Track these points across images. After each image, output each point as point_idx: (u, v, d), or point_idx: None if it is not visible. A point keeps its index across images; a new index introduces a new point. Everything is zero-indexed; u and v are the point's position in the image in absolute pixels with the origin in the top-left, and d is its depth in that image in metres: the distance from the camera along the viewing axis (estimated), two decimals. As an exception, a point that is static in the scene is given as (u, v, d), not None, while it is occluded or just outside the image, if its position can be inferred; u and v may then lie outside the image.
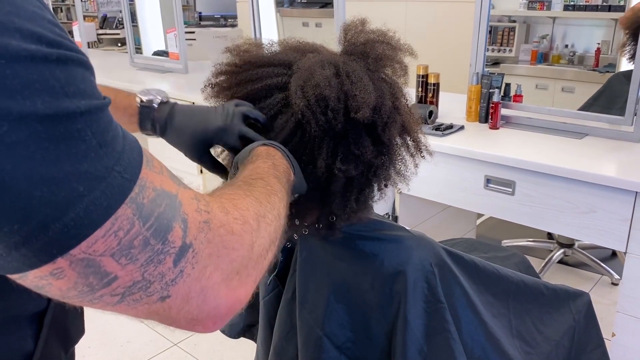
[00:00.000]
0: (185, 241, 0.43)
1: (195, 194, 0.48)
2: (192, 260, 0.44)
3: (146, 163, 0.42)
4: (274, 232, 0.58)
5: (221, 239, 0.47)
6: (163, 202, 0.42)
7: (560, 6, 2.55)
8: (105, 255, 0.39)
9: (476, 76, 2.03)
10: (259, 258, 0.53)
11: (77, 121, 0.37)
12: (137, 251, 0.40)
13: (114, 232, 0.39)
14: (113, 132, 0.40)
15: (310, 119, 0.77)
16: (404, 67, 0.86)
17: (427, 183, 1.91)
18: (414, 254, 0.89)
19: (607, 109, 1.99)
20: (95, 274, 0.39)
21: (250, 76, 0.83)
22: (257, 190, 0.60)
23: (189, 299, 0.44)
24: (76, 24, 4.08)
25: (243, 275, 0.50)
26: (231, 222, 0.49)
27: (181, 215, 0.43)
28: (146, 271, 0.41)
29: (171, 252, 0.42)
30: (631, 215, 1.50)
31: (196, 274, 0.44)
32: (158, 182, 0.43)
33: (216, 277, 0.46)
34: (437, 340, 0.87)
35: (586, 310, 1.21)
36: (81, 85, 0.38)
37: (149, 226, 0.41)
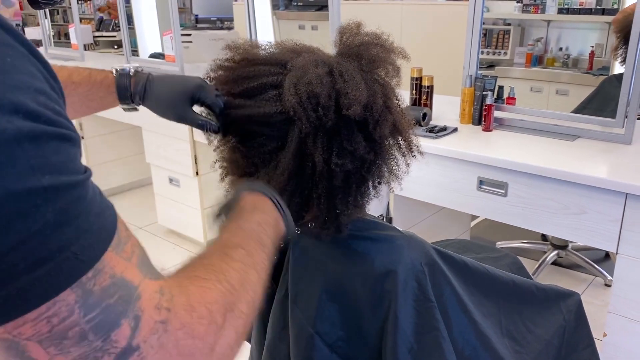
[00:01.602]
0: (132, 343, 0.39)
1: (162, 286, 0.44)
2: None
3: (115, 246, 0.40)
4: (243, 326, 0.53)
5: (176, 344, 0.43)
6: (117, 293, 0.39)
7: (555, 9, 2.56)
8: (31, 340, 0.36)
9: (469, 79, 2.05)
10: (222, 357, 0.49)
11: (36, 197, 0.35)
12: (71, 343, 0.37)
13: (48, 318, 0.36)
14: (81, 210, 0.37)
15: (301, 116, 0.78)
16: (396, 69, 0.88)
17: (420, 184, 1.92)
18: (405, 253, 0.90)
19: (600, 111, 2.01)
20: (17, 356, 0.36)
21: (247, 73, 0.84)
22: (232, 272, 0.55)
23: None
24: (72, 26, 4.08)
25: None
26: (194, 324, 0.45)
27: (134, 311, 0.40)
28: None
29: (111, 351, 0.39)
30: (621, 216, 1.51)
31: None
32: (119, 269, 0.40)
33: None
34: (427, 339, 0.89)
35: (576, 310, 1.23)
36: (52, 159, 0.36)
37: (90, 318, 0.37)
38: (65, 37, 5.87)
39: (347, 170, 0.82)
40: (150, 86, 0.88)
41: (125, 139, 3.75)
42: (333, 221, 0.87)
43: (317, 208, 0.84)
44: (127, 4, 3.63)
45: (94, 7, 7.32)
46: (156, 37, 3.50)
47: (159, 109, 0.88)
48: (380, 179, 0.90)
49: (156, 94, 0.87)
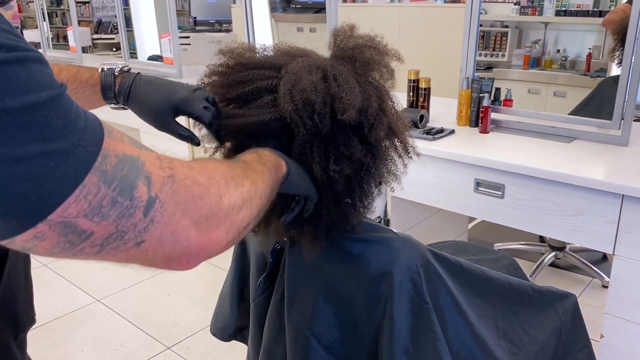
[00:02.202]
0: (151, 194, 0.50)
1: (158, 155, 0.54)
2: (161, 210, 0.50)
3: (108, 134, 0.48)
4: (247, 193, 0.63)
5: (187, 189, 0.53)
6: (125, 166, 0.48)
7: (552, 11, 2.57)
8: (79, 216, 0.45)
9: (466, 81, 2.05)
10: (229, 210, 0.59)
11: (42, 109, 0.43)
12: (107, 209, 0.46)
13: (84, 197, 0.45)
14: (75, 113, 0.46)
15: (298, 123, 0.79)
16: (390, 71, 0.88)
17: (418, 186, 1.93)
18: (400, 255, 0.90)
19: (597, 113, 2.01)
20: (73, 232, 0.45)
21: (241, 77, 0.85)
22: (233, 164, 0.67)
23: (162, 241, 0.51)
24: (71, 28, 4.09)
25: (213, 222, 0.56)
26: (196, 175, 0.56)
27: (144, 173, 0.50)
28: (119, 224, 0.48)
29: (139, 205, 0.49)
30: (618, 217, 1.52)
31: (165, 220, 0.51)
32: (120, 149, 0.49)
33: (185, 221, 0.53)
34: (423, 341, 0.89)
35: (573, 311, 1.23)
36: (40, 79, 0.44)
37: (114, 187, 0.47)
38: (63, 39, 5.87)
39: (346, 174, 0.83)
40: (136, 88, 0.87)
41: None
42: (344, 225, 0.88)
43: (328, 218, 0.86)
44: (126, 6, 3.63)
45: (92, 9, 7.33)
46: (155, 39, 3.51)
47: (142, 113, 0.88)
48: (380, 180, 0.91)
49: (140, 97, 0.87)
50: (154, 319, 2.42)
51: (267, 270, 1.02)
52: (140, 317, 2.44)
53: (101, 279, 2.77)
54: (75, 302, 2.58)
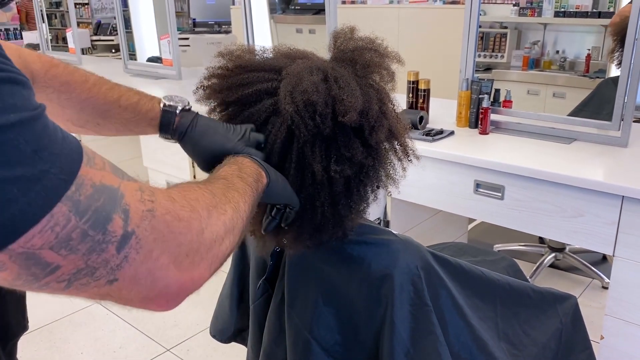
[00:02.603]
0: (127, 229, 0.47)
1: (140, 185, 0.51)
2: (136, 246, 0.48)
3: (87, 162, 0.46)
4: (230, 221, 0.61)
5: (166, 225, 0.51)
6: (102, 197, 0.46)
7: (551, 12, 2.57)
8: (44, 248, 0.42)
9: (466, 82, 2.05)
10: (212, 243, 0.57)
11: (9, 132, 0.40)
12: (76, 242, 0.44)
13: (51, 228, 0.42)
14: (50, 137, 0.43)
15: (299, 124, 0.79)
16: (391, 74, 0.88)
17: (417, 188, 1.92)
18: (401, 257, 0.90)
19: (597, 114, 2.01)
20: (37, 265, 0.43)
21: (241, 80, 0.84)
22: (214, 186, 0.64)
23: (137, 280, 0.49)
24: (70, 30, 4.09)
25: (195, 259, 0.54)
26: (177, 209, 0.53)
27: (122, 206, 0.47)
28: (89, 259, 0.45)
29: (113, 240, 0.46)
30: (618, 218, 1.52)
31: (141, 257, 0.48)
32: (98, 178, 0.46)
33: (164, 259, 0.50)
34: (424, 343, 0.89)
35: (573, 313, 1.23)
36: (10, 101, 0.41)
37: (85, 220, 0.44)
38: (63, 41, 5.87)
39: (346, 175, 0.82)
40: (192, 133, 0.86)
41: (122, 143, 3.75)
42: (338, 227, 0.87)
43: (322, 217, 0.84)
44: (125, 8, 3.63)
45: (92, 11, 7.33)
46: (154, 41, 3.50)
47: (192, 154, 0.88)
48: (378, 183, 0.90)
49: (195, 141, 0.86)
50: (153, 321, 2.42)
51: (266, 272, 1.01)
52: (140, 319, 2.44)
53: (100, 281, 2.76)
54: (74, 304, 2.57)
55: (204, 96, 0.89)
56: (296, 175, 0.82)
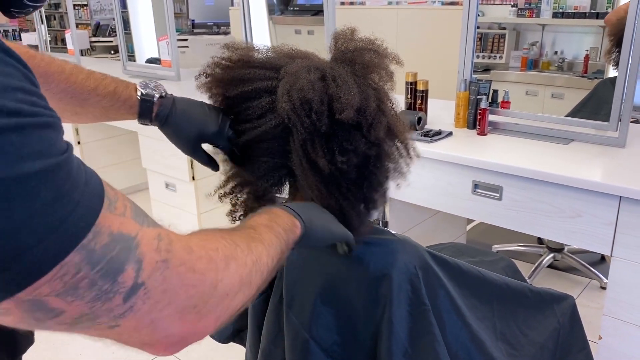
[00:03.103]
0: (137, 281, 0.46)
1: (160, 232, 0.50)
2: (144, 297, 0.46)
3: (108, 206, 0.45)
4: (247, 275, 0.59)
5: (179, 277, 0.49)
6: (117, 246, 0.45)
7: (549, 13, 2.58)
8: (50, 295, 0.42)
9: (464, 83, 2.05)
10: (223, 297, 0.55)
11: (31, 180, 0.39)
12: (84, 291, 0.43)
13: (60, 277, 0.41)
14: (71, 183, 0.42)
15: (295, 122, 0.79)
16: (389, 74, 0.89)
17: (415, 188, 1.93)
18: (399, 257, 0.91)
19: (594, 114, 2.02)
20: (41, 309, 0.42)
21: (242, 74, 0.85)
22: (238, 235, 0.62)
23: (139, 328, 0.48)
24: (69, 31, 4.09)
25: (202, 311, 0.52)
26: (194, 261, 0.52)
27: (136, 256, 0.46)
28: (94, 306, 0.44)
29: (121, 291, 0.45)
30: (616, 219, 1.52)
31: (147, 307, 0.47)
32: (116, 226, 0.45)
33: (168, 311, 0.49)
34: (422, 343, 0.89)
35: (571, 313, 1.23)
36: (37, 147, 0.40)
37: (97, 270, 0.43)
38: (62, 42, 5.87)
39: (354, 164, 0.83)
40: (172, 118, 0.90)
41: (121, 144, 3.75)
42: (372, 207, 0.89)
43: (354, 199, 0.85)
44: (124, 9, 3.63)
45: (91, 12, 7.33)
46: (153, 42, 3.50)
47: (173, 139, 0.92)
48: (387, 174, 0.91)
49: (174, 127, 0.90)
50: (152, 322, 2.42)
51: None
52: (139, 320, 2.44)
53: (99, 282, 2.76)
54: (73, 305, 2.57)
55: (205, 84, 0.90)
56: (310, 170, 0.82)
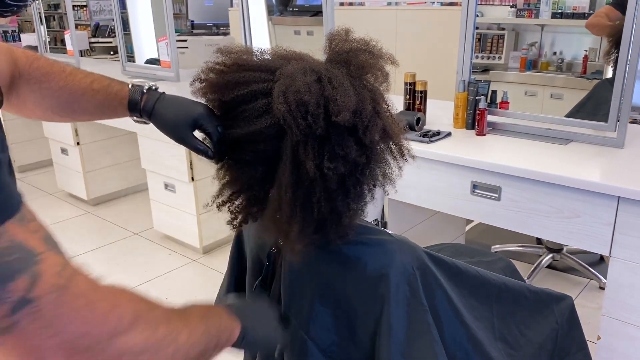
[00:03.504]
0: (28, 295, 0.44)
1: (67, 264, 0.49)
2: (33, 315, 0.44)
3: (19, 219, 0.46)
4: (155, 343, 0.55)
5: (75, 309, 0.47)
6: (14, 255, 0.44)
7: (548, 14, 2.58)
8: None
9: (463, 83, 2.06)
10: (120, 354, 0.51)
11: None
12: None
13: None
14: None
15: (291, 124, 0.79)
16: (385, 75, 0.89)
17: (414, 189, 1.93)
18: (397, 257, 0.91)
19: (593, 115, 2.02)
20: None
21: (237, 78, 0.85)
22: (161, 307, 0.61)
23: (20, 354, 0.45)
24: (68, 32, 4.09)
25: (92, 357, 0.49)
26: (96, 300, 0.50)
27: (32, 271, 0.45)
28: None
29: (8, 300, 0.43)
30: (614, 219, 1.52)
31: (33, 329, 0.45)
32: (20, 237, 0.45)
33: (55, 341, 0.46)
34: (420, 343, 0.89)
35: (569, 313, 1.23)
36: None
37: None
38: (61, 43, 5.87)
39: (340, 173, 0.83)
40: (159, 106, 0.94)
41: (121, 145, 3.75)
42: (337, 225, 0.87)
43: (319, 213, 0.84)
44: (123, 10, 3.63)
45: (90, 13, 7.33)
46: (152, 43, 3.50)
47: (163, 128, 0.94)
48: (374, 182, 0.91)
49: (162, 114, 0.94)
50: (151, 323, 2.42)
51: (263, 273, 1.02)
52: (138, 320, 2.44)
53: (99, 283, 2.76)
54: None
55: (200, 89, 0.90)
56: (291, 172, 0.82)
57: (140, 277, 2.82)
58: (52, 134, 3.78)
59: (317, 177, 0.82)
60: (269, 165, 0.85)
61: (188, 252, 3.05)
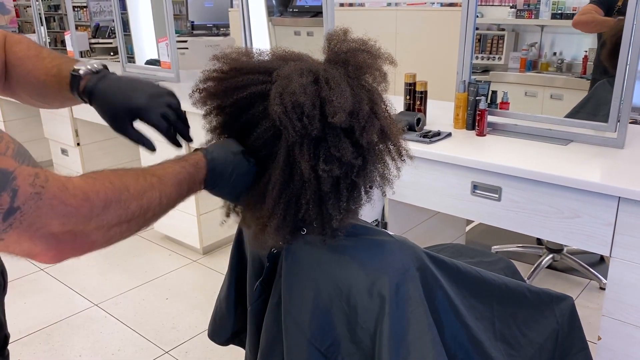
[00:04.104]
0: (13, 205, 0.57)
1: (37, 172, 0.60)
2: (21, 219, 0.58)
3: None
4: (130, 214, 0.70)
5: (51, 207, 0.61)
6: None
7: (548, 14, 2.59)
8: None
9: (463, 84, 2.06)
10: (98, 228, 0.66)
11: None
12: None
13: None
14: None
15: (287, 125, 0.79)
16: (383, 75, 0.89)
17: (414, 189, 1.93)
18: (396, 257, 0.91)
19: (593, 115, 2.02)
20: None
21: (235, 83, 0.85)
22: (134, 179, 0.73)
23: (20, 242, 0.60)
24: (68, 33, 4.09)
25: (77, 234, 0.64)
26: (66, 196, 0.62)
27: (11, 187, 0.57)
28: None
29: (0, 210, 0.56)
30: (614, 219, 1.52)
31: (24, 226, 0.59)
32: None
33: (44, 231, 0.61)
34: (420, 344, 0.89)
35: (570, 314, 1.23)
36: None
37: None
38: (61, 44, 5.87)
39: (335, 175, 0.83)
40: (97, 93, 0.89)
41: (121, 145, 3.75)
42: (326, 227, 0.87)
43: (306, 214, 0.85)
44: (123, 10, 3.63)
45: (90, 14, 7.34)
46: (152, 43, 3.50)
47: (101, 115, 0.90)
48: (371, 184, 0.91)
49: (100, 101, 0.89)
50: (151, 323, 2.42)
51: (263, 274, 1.02)
52: (138, 321, 2.44)
53: (99, 284, 2.77)
54: (72, 306, 2.57)
55: (200, 99, 0.90)
56: (284, 170, 0.82)
57: (140, 277, 2.82)
58: (52, 134, 3.78)
59: (311, 179, 0.82)
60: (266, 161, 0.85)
61: (188, 253, 3.05)
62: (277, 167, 0.83)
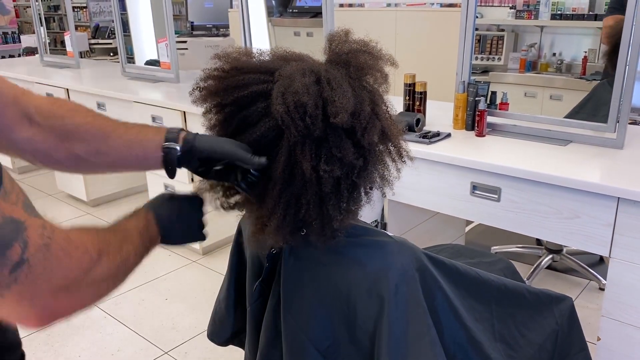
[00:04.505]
0: (23, 257, 0.57)
1: (44, 223, 0.61)
2: (27, 272, 0.57)
3: (3, 195, 0.56)
4: (115, 269, 0.71)
5: (58, 259, 0.61)
6: (8, 227, 0.56)
7: (548, 15, 2.59)
8: None
9: (462, 84, 2.06)
10: (92, 283, 0.67)
11: None
12: None
13: None
14: None
15: (289, 125, 0.79)
16: (384, 76, 0.89)
17: (414, 190, 1.93)
18: (396, 258, 0.91)
19: (593, 116, 2.02)
20: None
21: (236, 82, 0.85)
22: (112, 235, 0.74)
23: (20, 301, 0.59)
24: (68, 33, 4.09)
25: (72, 292, 0.64)
26: (71, 249, 0.63)
27: (23, 237, 0.57)
28: None
29: (8, 264, 0.56)
30: (614, 220, 1.52)
31: (29, 282, 0.58)
32: (8, 211, 0.56)
33: (46, 286, 0.60)
34: (419, 345, 0.89)
35: (569, 314, 1.23)
36: None
37: None
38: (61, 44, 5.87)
39: (336, 176, 0.83)
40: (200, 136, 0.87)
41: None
42: (326, 227, 0.87)
43: (306, 214, 0.85)
44: (123, 11, 3.64)
45: (90, 15, 7.34)
46: (152, 44, 3.51)
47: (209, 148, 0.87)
48: (371, 185, 0.91)
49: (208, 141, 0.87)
50: (151, 324, 2.42)
51: (263, 274, 1.02)
52: (138, 322, 2.44)
53: (98, 284, 2.76)
54: (72, 307, 2.57)
55: (200, 97, 0.90)
56: (285, 169, 0.82)
57: (140, 278, 2.82)
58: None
59: (312, 179, 0.82)
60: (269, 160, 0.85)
61: (188, 253, 3.05)
62: (278, 167, 0.83)
